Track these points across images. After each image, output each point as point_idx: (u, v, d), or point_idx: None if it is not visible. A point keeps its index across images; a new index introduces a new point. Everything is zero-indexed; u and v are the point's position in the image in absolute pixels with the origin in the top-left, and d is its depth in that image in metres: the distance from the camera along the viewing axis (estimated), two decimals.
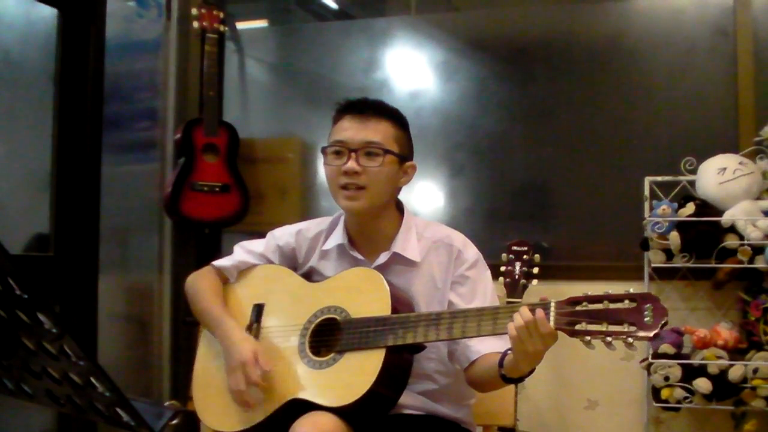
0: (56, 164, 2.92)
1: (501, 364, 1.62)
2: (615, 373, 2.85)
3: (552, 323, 1.49)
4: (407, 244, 1.85)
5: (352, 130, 1.81)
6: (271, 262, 1.96)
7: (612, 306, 1.47)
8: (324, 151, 1.85)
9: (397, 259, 1.85)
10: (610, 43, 3.17)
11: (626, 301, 1.47)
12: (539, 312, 1.50)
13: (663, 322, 1.43)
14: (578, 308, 1.49)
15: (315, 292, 1.84)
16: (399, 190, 1.89)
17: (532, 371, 1.61)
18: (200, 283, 1.97)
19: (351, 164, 1.78)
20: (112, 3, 3.08)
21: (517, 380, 1.65)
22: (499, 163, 3.29)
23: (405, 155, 1.86)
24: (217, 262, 1.99)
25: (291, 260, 1.96)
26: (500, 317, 1.59)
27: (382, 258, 1.84)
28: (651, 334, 1.43)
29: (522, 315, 1.51)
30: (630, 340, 1.44)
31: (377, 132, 1.81)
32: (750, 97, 2.92)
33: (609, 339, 1.45)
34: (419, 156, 1.94)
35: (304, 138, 3.51)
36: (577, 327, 1.47)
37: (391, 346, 1.66)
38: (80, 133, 2.94)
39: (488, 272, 1.88)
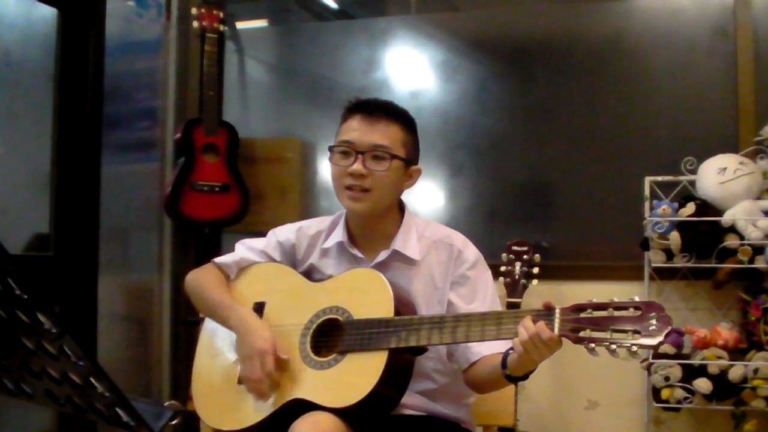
0: (56, 164, 2.92)
1: (504, 365, 1.62)
2: (615, 373, 2.84)
3: (556, 330, 1.50)
4: (407, 242, 1.85)
5: (360, 132, 1.80)
6: (272, 258, 1.96)
7: (617, 313, 1.47)
8: (331, 149, 1.85)
9: (397, 257, 1.84)
10: (610, 43, 3.17)
11: (631, 309, 1.46)
12: (540, 325, 1.51)
13: (667, 330, 1.43)
14: (583, 315, 1.50)
15: (317, 292, 1.83)
16: (402, 192, 1.89)
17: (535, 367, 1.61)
18: (203, 277, 1.96)
19: (357, 166, 1.78)
20: (112, 3, 3.08)
21: (522, 378, 1.65)
22: (499, 163, 3.29)
23: (411, 159, 1.86)
24: (218, 259, 1.98)
25: (291, 257, 1.96)
26: (504, 322, 1.60)
27: (382, 256, 1.84)
28: (655, 343, 1.43)
29: (526, 329, 1.52)
30: (634, 348, 1.44)
31: (385, 135, 1.80)
32: (750, 97, 2.92)
33: (613, 347, 1.45)
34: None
35: (304, 138, 3.51)
36: (582, 334, 1.48)
37: (393, 348, 1.66)
38: (80, 133, 2.94)
39: (489, 272, 1.88)
